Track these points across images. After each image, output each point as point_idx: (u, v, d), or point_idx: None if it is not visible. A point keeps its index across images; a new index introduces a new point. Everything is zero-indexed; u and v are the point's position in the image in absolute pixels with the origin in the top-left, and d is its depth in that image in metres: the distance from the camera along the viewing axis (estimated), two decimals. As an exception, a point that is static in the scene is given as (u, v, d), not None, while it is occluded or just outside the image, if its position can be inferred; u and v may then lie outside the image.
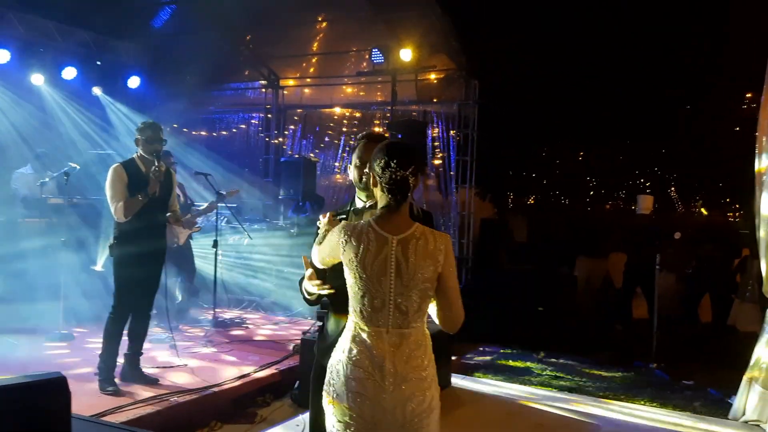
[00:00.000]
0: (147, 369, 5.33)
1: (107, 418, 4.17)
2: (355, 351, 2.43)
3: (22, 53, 8.60)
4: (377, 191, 2.51)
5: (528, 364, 7.11)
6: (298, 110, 10.91)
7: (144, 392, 4.89)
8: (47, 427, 2.68)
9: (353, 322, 2.48)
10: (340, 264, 2.50)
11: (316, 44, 10.22)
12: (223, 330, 7.16)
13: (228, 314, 7.91)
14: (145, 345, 5.38)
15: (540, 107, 9.00)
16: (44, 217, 7.35)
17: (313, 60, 10.58)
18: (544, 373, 6.77)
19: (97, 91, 9.59)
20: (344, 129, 10.63)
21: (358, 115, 10.61)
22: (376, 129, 10.23)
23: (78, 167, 7.21)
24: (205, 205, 7.49)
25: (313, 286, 2.62)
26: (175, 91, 10.37)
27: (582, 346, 7.60)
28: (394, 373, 2.39)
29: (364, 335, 2.44)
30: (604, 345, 7.60)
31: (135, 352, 5.21)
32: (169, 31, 10.16)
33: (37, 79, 8.82)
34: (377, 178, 2.48)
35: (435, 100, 9.80)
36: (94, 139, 9.54)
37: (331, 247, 2.52)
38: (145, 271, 5.06)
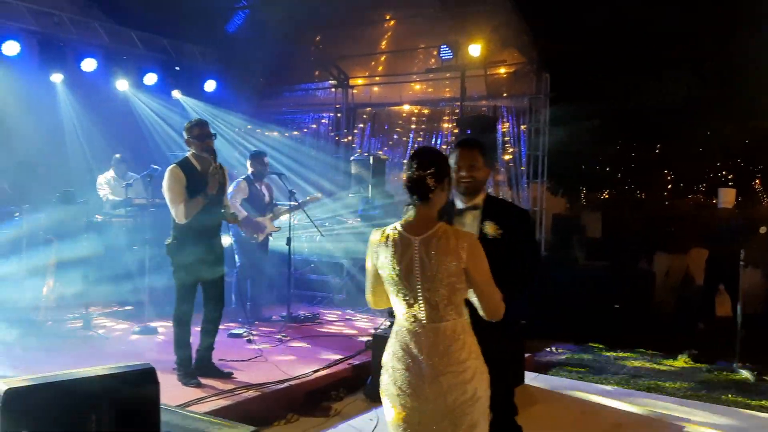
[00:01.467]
0: (223, 362, 5.51)
1: (190, 409, 4.36)
2: (397, 346, 2.65)
3: (107, 61, 9.07)
4: (407, 196, 2.69)
5: (604, 362, 6.95)
6: (367, 109, 11.02)
7: (222, 385, 5.07)
8: (139, 416, 2.84)
9: (397, 319, 2.69)
10: None
11: (384, 42, 10.31)
12: (297, 325, 7.33)
13: (301, 310, 8.08)
14: (221, 339, 5.56)
15: (614, 99, 8.74)
16: (130, 217, 7.73)
17: (382, 58, 10.67)
18: (622, 371, 6.60)
19: (176, 94, 9.99)
20: (413, 126, 10.66)
21: (426, 112, 10.61)
22: (445, 125, 10.22)
23: (159, 169, 7.54)
24: (284, 208, 7.62)
25: None
26: (249, 93, 10.69)
27: (661, 344, 7.37)
28: (431, 365, 2.55)
29: (404, 330, 2.64)
30: (685, 343, 7.34)
31: (207, 347, 5.36)
32: (242, 35, 10.47)
33: (122, 84, 9.27)
34: (404, 183, 2.68)
35: (505, 95, 9.69)
36: (176, 141, 9.95)
37: (368, 253, 2.73)
38: (205, 268, 5.16)
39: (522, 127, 9.42)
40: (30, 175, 7.34)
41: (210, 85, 10.20)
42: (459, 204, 3.30)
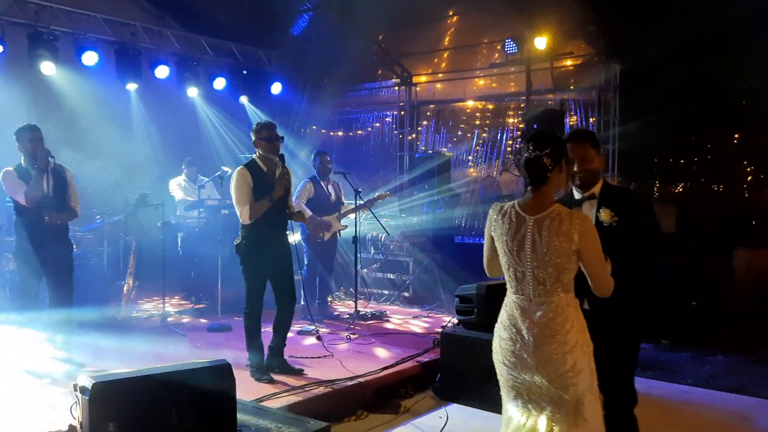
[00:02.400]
0: (293, 359, 5.61)
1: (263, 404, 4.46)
2: (505, 316, 2.86)
3: (180, 68, 9.40)
4: (524, 178, 2.90)
5: (681, 361, 6.70)
6: (431, 106, 10.99)
7: (293, 381, 5.16)
8: (216, 410, 2.94)
9: (508, 291, 2.87)
10: None
11: (447, 39, 10.26)
12: (364, 323, 7.39)
13: (369, 308, 8.14)
14: (290, 337, 5.67)
15: (687, 88, 8.39)
16: (203, 218, 7.98)
17: (445, 55, 10.62)
18: (700, 371, 6.35)
19: (243, 100, 10.27)
20: (477, 122, 10.57)
21: (491, 107, 10.49)
22: (510, 120, 10.08)
23: (229, 171, 7.76)
24: (350, 206, 7.69)
25: None
26: (313, 94, 10.85)
27: (743, 343, 7.04)
28: (534, 335, 2.73)
29: (512, 302, 2.84)
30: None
31: (279, 344, 5.48)
32: (306, 37, 10.64)
33: (192, 91, 9.60)
34: (518, 165, 2.76)
35: (572, 88, 9.47)
36: (243, 144, 10.22)
37: (487, 226, 2.92)
38: (273, 267, 5.29)
39: (591, 120, 9.19)
40: (110, 178, 7.68)
41: (276, 88, 10.41)
42: (576, 195, 3.39)
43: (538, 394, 2.76)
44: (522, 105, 9.59)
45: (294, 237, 7.33)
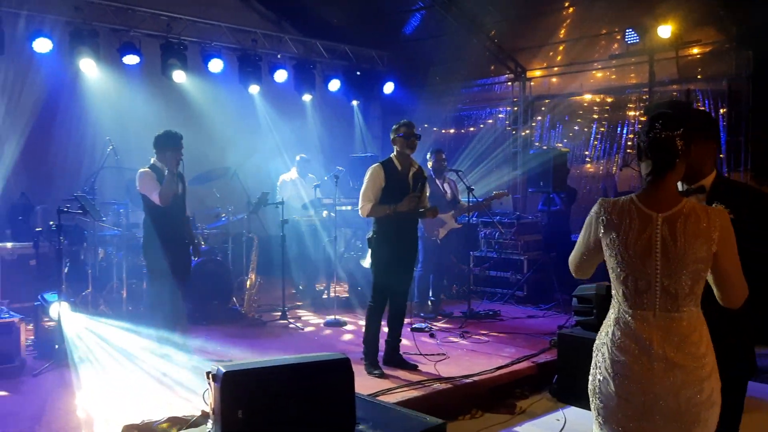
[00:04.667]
0: (407, 356, 5.67)
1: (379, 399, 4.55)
2: (618, 334, 2.31)
3: (297, 71, 9.77)
4: (643, 165, 2.33)
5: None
6: (546, 100, 10.72)
7: (407, 377, 5.22)
8: (335, 402, 3.04)
9: (617, 304, 2.37)
10: None
11: (563, 31, 9.96)
12: (478, 321, 7.34)
13: (481, 306, 8.08)
14: (405, 333, 5.74)
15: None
16: (318, 216, 8.25)
17: (560, 48, 10.31)
18: None
19: (354, 103, 10.51)
20: (595, 116, 10.19)
21: (610, 100, 10.08)
22: (631, 113, 9.64)
23: (344, 170, 7.98)
24: (466, 204, 7.67)
25: None
26: (425, 92, 10.91)
27: None
28: (664, 358, 2.22)
29: (628, 318, 2.31)
30: None
31: (394, 339, 5.58)
32: (418, 36, 10.71)
33: (306, 97, 9.97)
34: (641, 146, 2.31)
35: (699, 77, 8.91)
36: (358, 143, 10.47)
37: (589, 225, 2.42)
38: (401, 264, 5.38)
39: (721, 111, 8.61)
40: (231, 180, 8.10)
41: (388, 87, 10.56)
42: (680, 186, 2.81)
43: (653, 426, 2.25)
44: (644, 97, 9.15)
45: None
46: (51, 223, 6.02)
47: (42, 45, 7.54)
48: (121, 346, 5.84)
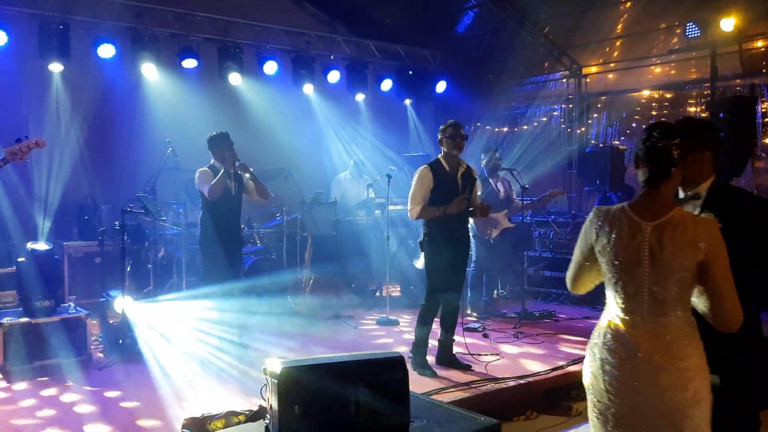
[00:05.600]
0: (460, 355, 5.65)
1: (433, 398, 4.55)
2: (609, 337, 2.42)
3: (350, 72, 9.85)
4: (639, 173, 2.40)
5: None
6: (602, 97, 10.49)
7: (460, 377, 5.21)
8: (391, 400, 3.05)
9: (609, 308, 2.46)
10: None
11: (620, 26, 9.74)
12: (532, 322, 7.25)
13: (536, 307, 7.98)
14: (457, 333, 5.71)
15: None
16: (371, 216, 8.29)
17: (617, 43, 10.09)
18: None
19: (407, 102, 10.53)
20: (653, 113, 9.92)
21: (669, 96, 9.79)
22: (691, 109, 9.35)
23: (396, 169, 8.00)
24: (521, 203, 7.58)
25: None
26: (478, 91, 10.83)
27: None
28: (650, 361, 2.31)
29: (618, 321, 2.41)
30: None
31: (447, 339, 5.55)
32: (471, 34, 10.64)
33: (360, 96, 10.03)
34: (639, 154, 2.37)
35: (764, 71, 8.57)
36: (408, 143, 10.48)
37: (585, 232, 2.50)
38: (452, 264, 5.35)
39: (788, 106, 8.26)
40: (286, 179, 8.23)
41: (441, 86, 10.54)
42: (680, 193, 2.89)
43: (645, 426, 2.33)
44: (705, 93, 8.85)
45: None
46: (116, 223, 6.24)
47: (106, 51, 7.81)
48: (181, 342, 6.02)
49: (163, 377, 5.27)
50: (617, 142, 9.90)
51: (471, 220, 7.28)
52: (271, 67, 9.07)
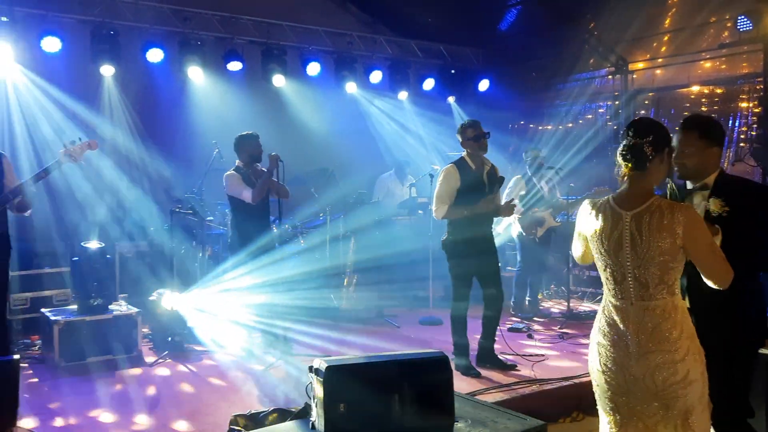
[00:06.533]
0: (504, 356, 5.60)
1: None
2: (603, 320, 2.65)
3: (392, 72, 9.87)
4: (620, 167, 2.62)
5: None
6: (650, 94, 10.27)
7: (504, 378, 5.17)
8: (435, 399, 3.06)
9: (604, 294, 2.69)
10: None
11: (668, 21, 9.52)
12: (578, 323, 7.14)
13: (583, 307, 7.86)
14: (502, 333, 5.67)
15: None
16: (413, 215, 8.29)
17: (665, 38, 9.87)
18: None
19: (450, 99, 10.48)
20: (703, 108, 9.66)
21: (719, 91, 9.53)
22: (743, 105, 9.08)
23: (439, 168, 7.97)
24: (566, 202, 7.48)
25: None
26: (522, 88, 10.71)
27: None
28: (638, 343, 2.50)
29: (611, 306, 2.62)
30: None
31: (489, 339, 5.51)
32: (514, 32, 10.54)
33: (403, 94, 10.05)
34: (618, 151, 2.60)
35: (821, 64, 8.26)
36: (447, 143, 10.43)
37: (578, 222, 2.76)
38: (479, 263, 5.31)
39: None
40: (329, 179, 8.29)
41: (483, 85, 10.46)
42: (689, 184, 3.12)
43: (640, 405, 2.52)
44: (758, 87, 8.58)
45: (513, 231, 7.31)
46: (166, 226, 6.39)
47: (154, 55, 8.00)
48: (228, 340, 6.13)
49: (211, 374, 5.38)
50: (666, 139, 9.67)
51: (514, 219, 7.24)
52: (314, 69, 9.15)
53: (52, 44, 7.30)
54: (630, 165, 2.54)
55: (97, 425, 4.32)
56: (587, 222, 2.67)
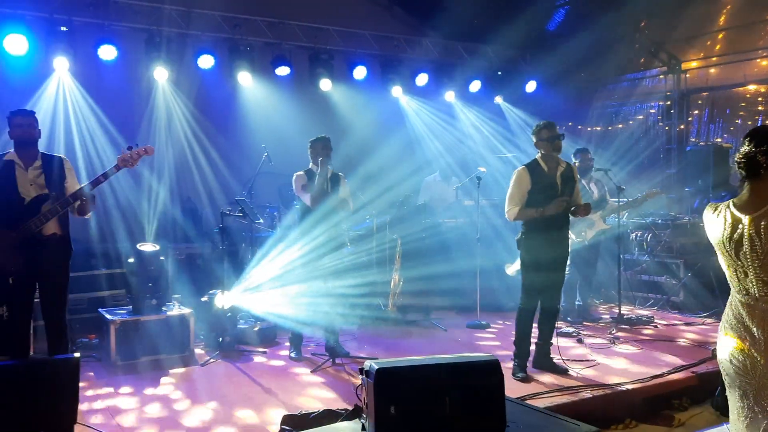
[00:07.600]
0: (557, 360, 5.53)
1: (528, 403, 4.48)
2: (731, 314, 2.74)
3: (437, 73, 9.86)
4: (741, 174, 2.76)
5: None
6: (703, 93, 10.01)
7: (557, 382, 5.10)
8: (485, 403, 3.04)
9: (732, 290, 2.76)
10: None
11: (722, 18, 9.26)
12: (630, 328, 7.00)
13: (633, 312, 7.69)
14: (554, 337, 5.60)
15: None
16: (460, 218, 8.25)
17: (719, 36, 9.60)
18: None
19: (498, 99, 10.40)
20: (760, 108, 9.38)
21: (777, 90, 9.24)
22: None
23: (485, 171, 7.92)
24: (616, 204, 7.33)
25: None
26: (570, 89, 10.56)
27: None
28: (765, 335, 2.59)
29: (738, 303, 2.71)
30: None
31: (545, 343, 5.46)
32: (562, 32, 10.39)
33: (450, 95, 10.01)
34: (735, 160, 2.75)
35: None
36: (497, 144, 10.36)
37: (705, 227, 2.83)
38: (551, 264, 5.26)
39: None
40: (376, 184, 8.31)
41: (531, 86, 10.35)
42: None
43: (763, 400, 2.61)
44: (819, 85, 8.28)
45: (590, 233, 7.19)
46: (217, 228, 6.52)
47: (205, 61, 8.18)
48: (278, 340, 6.20)
49: (261, 374, 5.46)
50: (720, 140, 9.40)
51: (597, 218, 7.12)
52: (360, 72, 9.21)
53: (108, 52, 7.54)
54: (745, 173, 2.70)
55: (152, 422, 4.44)
56: (710, 225, 2.79)
